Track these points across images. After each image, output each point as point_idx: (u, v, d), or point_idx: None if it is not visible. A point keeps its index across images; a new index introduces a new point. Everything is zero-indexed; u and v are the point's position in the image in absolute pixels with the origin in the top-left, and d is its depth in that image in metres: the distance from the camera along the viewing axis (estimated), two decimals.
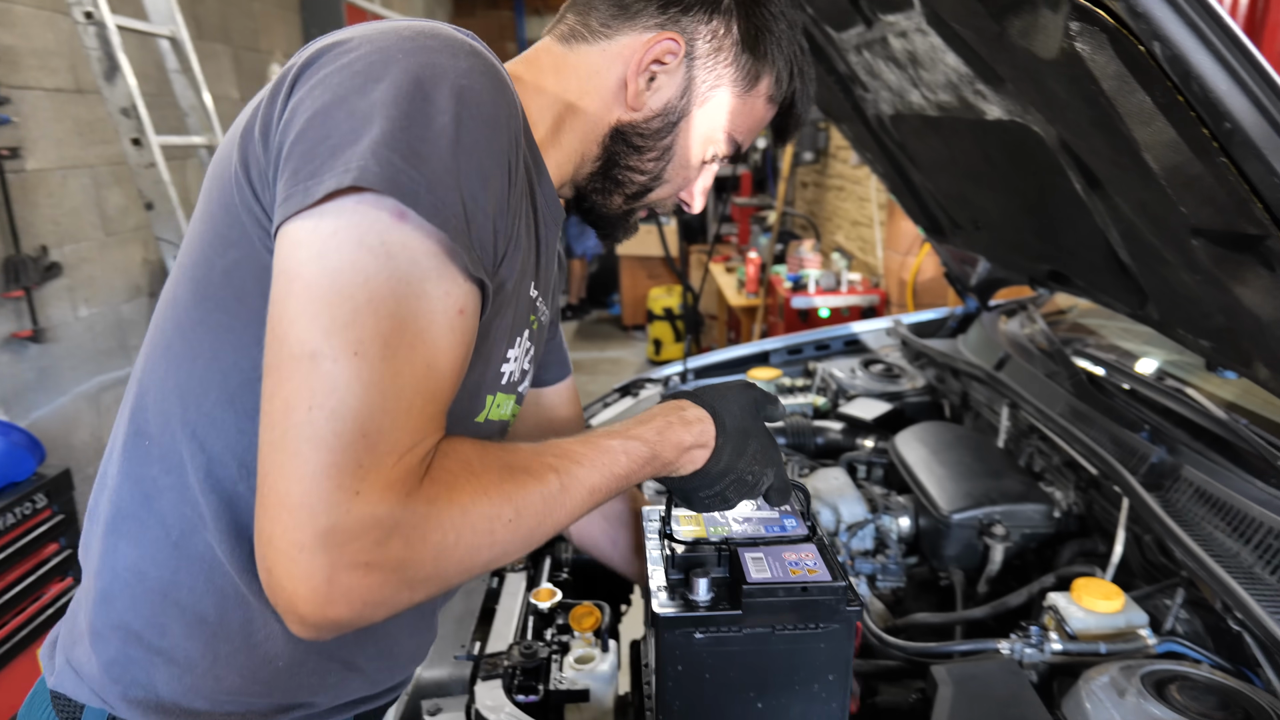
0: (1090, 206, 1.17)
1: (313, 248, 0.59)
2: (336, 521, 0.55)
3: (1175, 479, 1.39)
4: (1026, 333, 2.18)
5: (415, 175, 0.60)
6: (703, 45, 0.90)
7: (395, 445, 0.58)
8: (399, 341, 0.59)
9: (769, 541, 0.92)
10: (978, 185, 1.63)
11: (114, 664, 0.76)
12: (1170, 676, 1.08)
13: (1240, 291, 0.90)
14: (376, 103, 0.61)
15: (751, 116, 0.96)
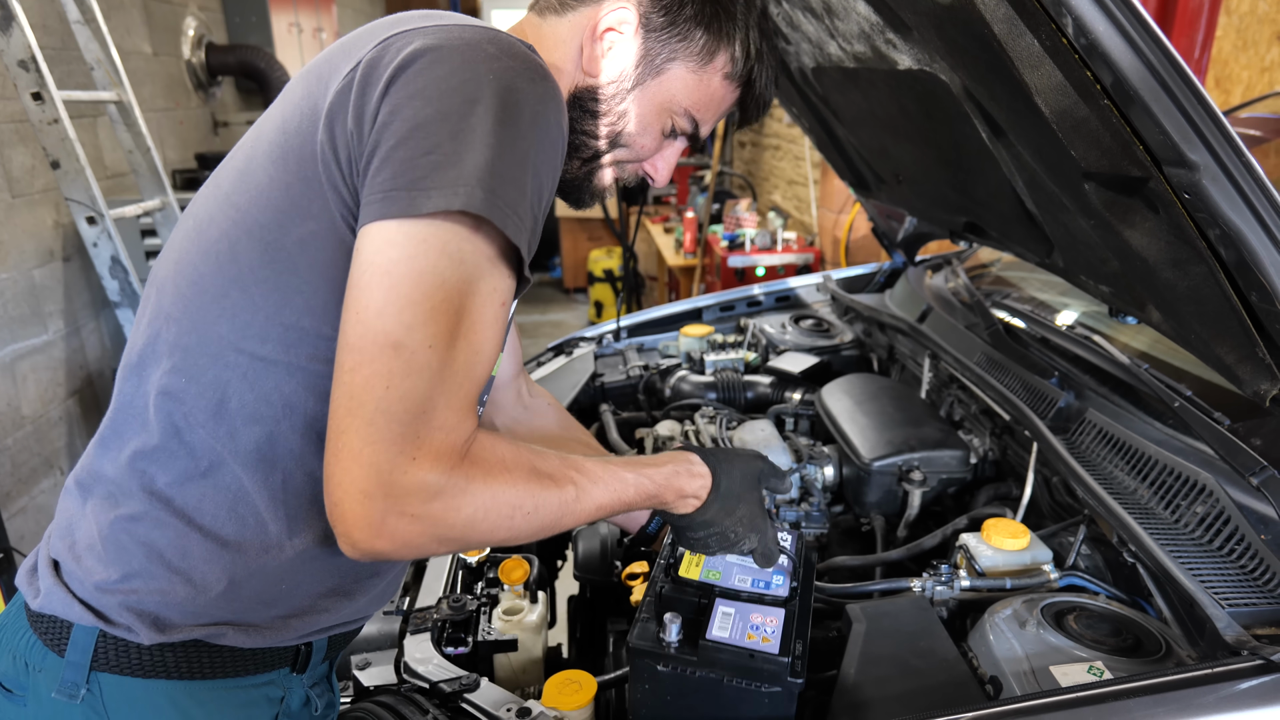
0: (997, 156, 1.19)
1: (405, 249, 0.70)
2: (397, 480, 0.68)
3: (1081, 422, 1.44)
4: (950, 286, 2.24)
5: (506, 199, 0.72)
6: (657, 18, 0.93)
7: (445, 423, 0.71)
8: (458, 334, 0.71)
9: (747, 598, 1.01)
10: (896, 138, 1.64)
11: (133, 576, 0.80)
12: (1068, 608, 1.13)
13: (1129, 235, 0.93)
14: (476, 127, 0.71)
15: (707, 92, 0.98)
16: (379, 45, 0.78)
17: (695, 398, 2.16)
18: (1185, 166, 0.73)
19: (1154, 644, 1.07)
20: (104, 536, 0.82)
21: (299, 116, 0.80)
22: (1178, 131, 0.70)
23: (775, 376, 2.18)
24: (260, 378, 0.80)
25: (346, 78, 0.77)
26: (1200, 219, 0.76)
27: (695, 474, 0.99)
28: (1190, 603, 1.04)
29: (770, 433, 1.78)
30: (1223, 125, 0.69)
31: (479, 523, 0.74)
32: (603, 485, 0.86)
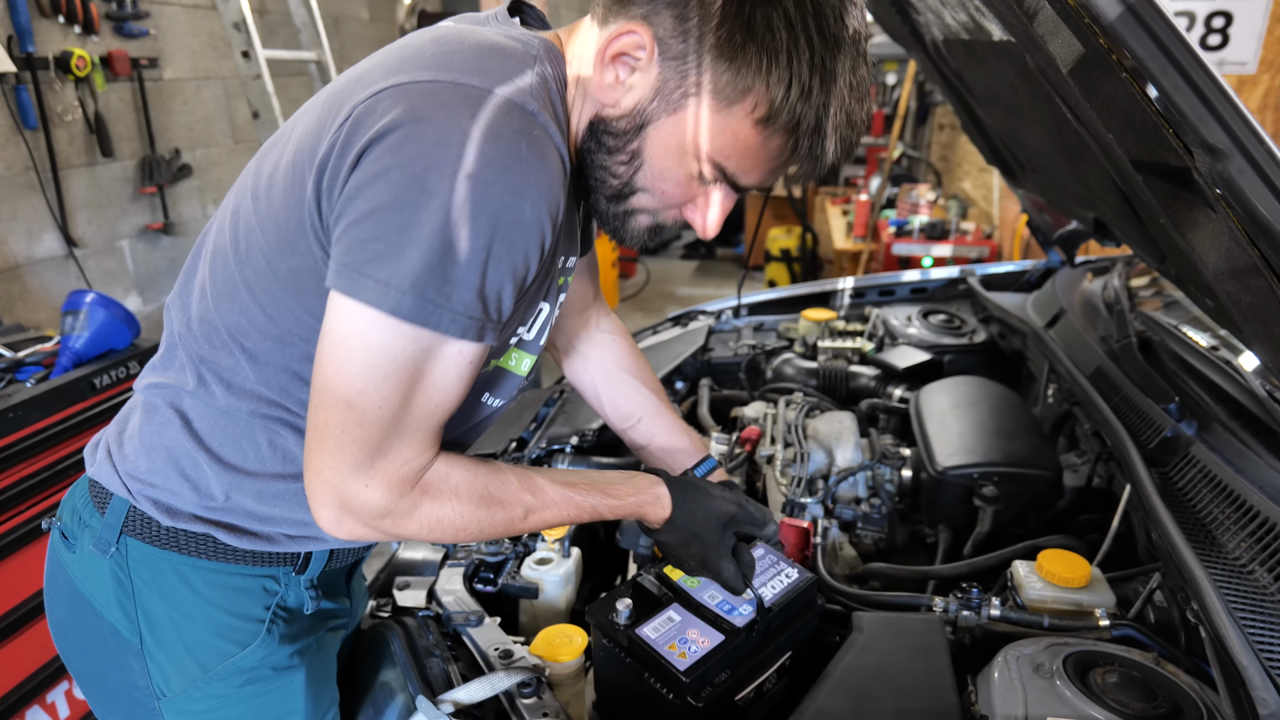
0: (1087, 141, 1.04)
1: (358, 325, 0.74)
2: (350, 499, 0.79)
3: (1184, 457, 1.25)
4: (1104, 292, 1.99)
5: (441, 303, 0.73)
6: (676, 44, 0.78)
7: (399, 456, 0.79)
8: (414, 394, 0.77)
9: (703, 614, 1.03)
10: (1021, 119, 1.48)
11: (153, 472, 0.93)
12: (1097, 660, 0.99)
13: (1193, 238, 0.79)
14: (425, 223, 0.71)
15: (734, 138, 0.80)
16: (369, 99, 0.75)
17: (795, 382, 2.09)
18: (1210, 152, 0.60)
19: (1195, 717, 0.92)
20: (141, 433, 0.96)
21: (308, 149, 0.80)
22: (1192, 111, 0.58)
23: (881, 370, 2.06)
24: (263, 364, 0.89)
25: (338, 130, 0.76)
26: (1240, 216, 0.63)
27: (660, 506, 1.01)
28: (1239, 680, 0.88)
29: (847, 425, 1.69)
30: (1237, 107, 0.56)
31: (425, 534, 0.85)
32: (554, 510, 0.92)
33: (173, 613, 0.94)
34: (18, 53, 2.63)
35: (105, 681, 1.00)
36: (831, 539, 1.43)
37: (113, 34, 3.02)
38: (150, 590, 0.94)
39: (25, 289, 2.81)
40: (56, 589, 1.00)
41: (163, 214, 3.37)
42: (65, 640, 1.01)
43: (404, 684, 1.13)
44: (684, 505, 1.01)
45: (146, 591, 0.94)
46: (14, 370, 2.03)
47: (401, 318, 0.73)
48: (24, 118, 2.67)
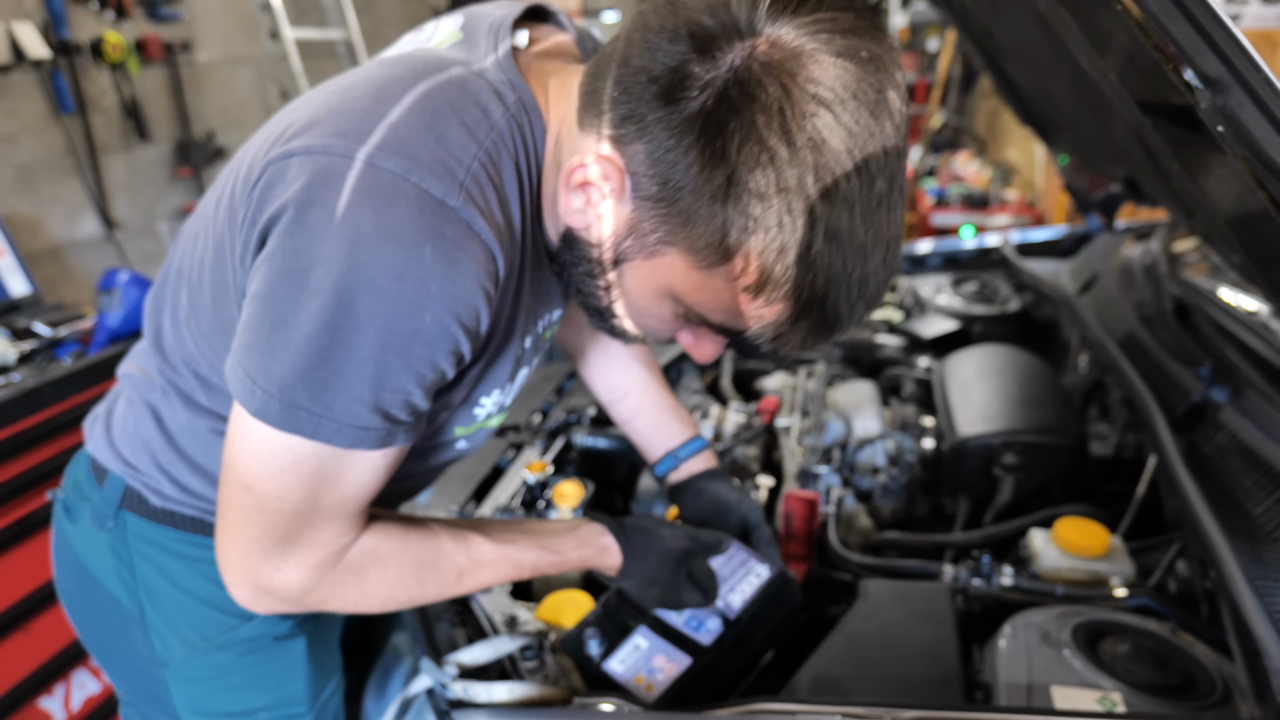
0: (1105, 90, 0.99)
1: (251, 426, 0.69)
2: (263, 582, 0.75)
3: (1212, 422, 1.19)
4: (1141, 257, 1.91)
5: (320, 413, 0.66)
6: (649, 184, 0.64)
7: (315, 540, 0.74)
8: (317, 487, 0.71)
9: (670, 634, 1.01)
10: (1047, 74, 1.42)
11: (136, 459, 0.94)
12: (1107, 629, 0.96)
13: (1205, 185, 0.74)
14: (301, 325, 0.64)
15: (721, 302, 0.68)
16: (280, 160, 0.68)
17: (818, 353, 2.06)
18: (1209, 85, 0.57)
19: (1209, 688, 0.88)
20: (124, 421, 0.96)
21: (241, 186, 0.74)
22: (1187, 41, 0.54)
23: (907, 339, 2.01)
24: (215, 391, 0.86)
25: (258, 182, 0.69)
26: (1245, 156, 0.59)
27: (607, 555, 0.96)
28: (1256, 652, 0.84)
29: (868, 395, 1.65)
30: (1231, 34, 0.52)
31: (352, 607, 0.81)
32: (490, 570, 0.87)
33: (171, 586, 0.95)
34: (53, 39, 2.69)
35: (111, 649, 1.03)
36: (847, 508, 1.41)
37: (145, 18, 3.08)
38: (148, 564, 0.95)
39: (67, 270, 2.90)
40: (62, 560, 1.03)
41: (199, 195, 3.44)
42: (73, 609, 1.04)
43: (412, 647, 1.15)
44: (634, 554, 0.97)
45: (145, 565, 0.95)
46: (53, 347, 2.09)
47: (267, 423, 0.66)
48: (61, 102, 2.74)
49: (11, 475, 1.80)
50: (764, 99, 0.58)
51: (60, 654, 1.83)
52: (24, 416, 1.83)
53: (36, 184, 2.76)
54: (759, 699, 0.86)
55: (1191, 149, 0.73)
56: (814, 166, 0.58)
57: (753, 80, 0.58)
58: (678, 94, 0.60)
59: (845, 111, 0.58)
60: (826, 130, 0.58)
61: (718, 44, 0.59)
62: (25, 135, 2.70)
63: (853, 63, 0.58)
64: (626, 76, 0.63)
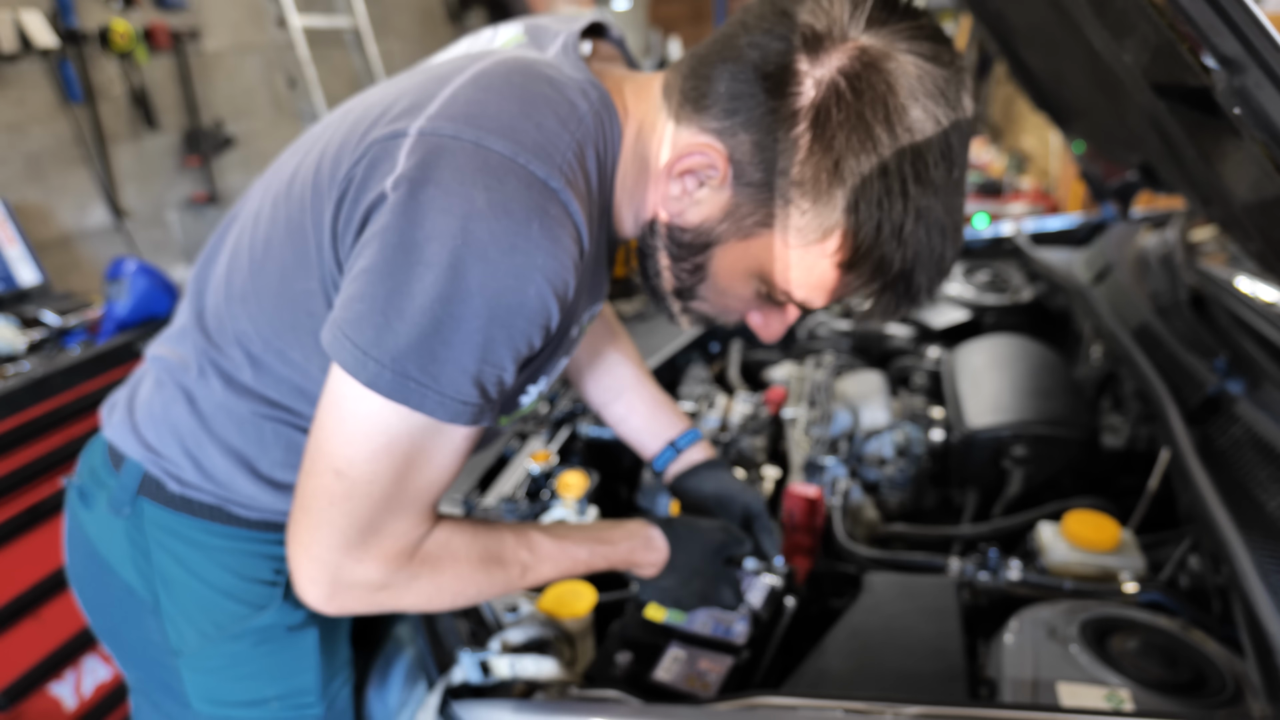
0: (1120, 74, 0.97)
1: (350, 394, 0.70)
2: (344, 576, 0.75)
3: (1227, 415, 1.17)
4: (1157, 246, 1.88)
5: (427, 384, 0.68)
6: (753, 172, 0.71)
7: (394, 531, 0.75)
8: (408, 472, 0.73)
9: (702, 642, 1.03)
10: (1060, 58, 1.39)
11: (161, 443, 0.94)
12: (1115, 625, 0.95)
13: (1222, 169, 0.72)
14: (415, 296, 0.66)
15: (811, 275, 0.74)
16: (387, 140, 0.71)
17: (827, 343, 2.04)
18: (1226, 65, 0.54)
19: (1220, 686, 0.87)
20: (149, 404, 0.96)
21: (328, 171, 0.77)
22: (1202, 18, 0.52)
23: (917, 329, 1.99)
24: (265, 371, 0.87)
25: (355, 165, 0.73)
26: (1263, 139, 0.57)
27: (652, 549, 0.98)
28: (1268, 650, 0.82)
29: (876, 385, 1.63)
30: (1249, 10, 0.50)
31: (424, 605, 0.82)
32: (551, 564, 0.89)
33: (187, 575, 0.95)
34: (60, 27, 2.69)
35: (123, 636, 1.03)
36: (854, 500, 1.40)
37: (153, 7, 3.07)
38: (164, 552, 0.95)
39: (76, 259, 2.91)
40: (75, 546, 1.03)
41: (208, 184, 3.44)
42: (85, 595, 1.04)
43: (413, 638, 1.14)
44: (679, 545, 0.99)
45: (161, 553, 0.95)
46: (61, 336, 2.10)
47: (379, 392, 0.68)
48: (69, 91, 2.74)
49: (21, 463, 1.81)
50: (870, 94, 0.65)
51: (71, 640, 1.85)
52: (32, 405, 1.84)
53: (45, 173, 2.77)
54: (761, 692, 0.85)
55: (1208, 133, 0.71)
56: (909, 152, 0.66)
57: (859, 77, 0.66)
58: (788, 89, 0.67)
59: (934, 105, 0.66)
60: (920, 121, 0.66)
61: (824, 45, 0.66)
62: (33, 124, 2.70)
63: (938, 65, 0.66)
64: (734, 73, 0.69)
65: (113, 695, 1.95)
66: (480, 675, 0.97)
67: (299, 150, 0.86)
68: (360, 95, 0.85)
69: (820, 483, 1.39)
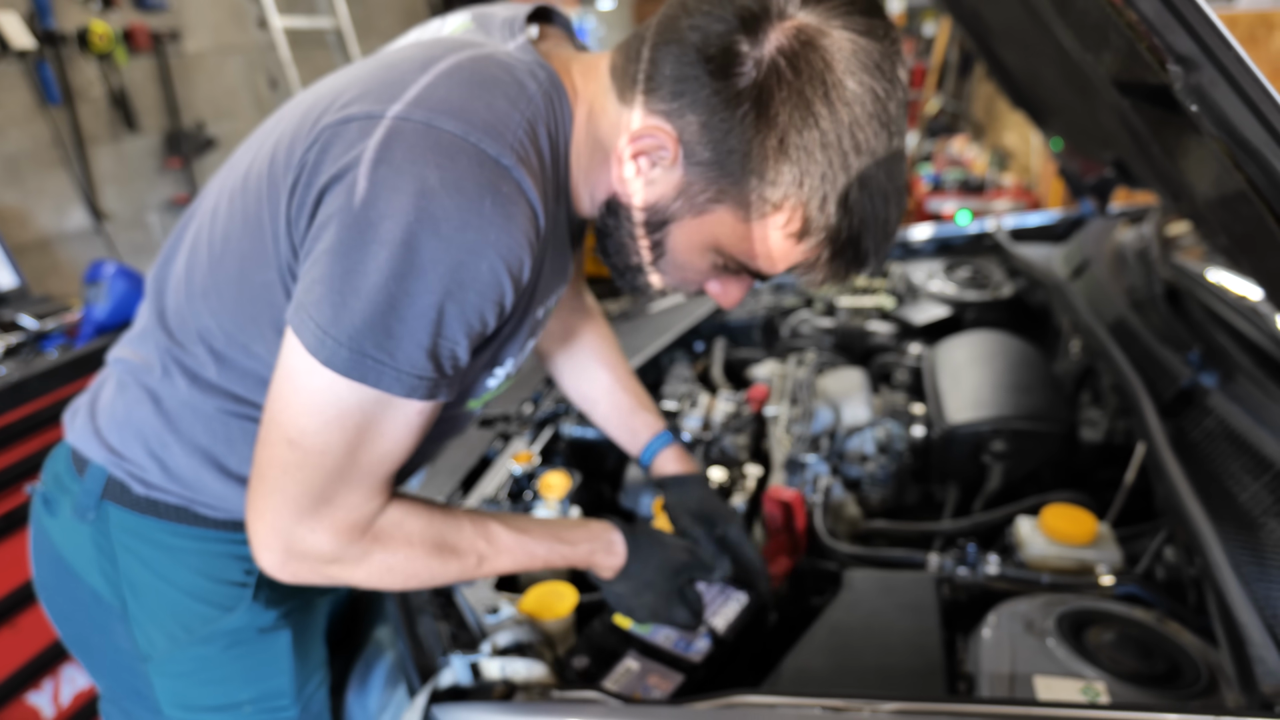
0: (1088, 72, 0.97)
1: (303, 364, 0.72)
2: (295, 544, 0.77)
3: (1200, 408, 1.18)
4: (1134, 242, 1.89)
5: (384, 360, 0.70)
6: (702, 151, 0.73)
7: (345, 503, 0.77)
8: (360, 442, 0.74)
9: (660, 656, 1.02)
10: (1034, 56, 1.40)
11: (124, 446, 0.94)
12: (1092, 618, 0.95)
13: (1184, 165, 0.73)
14: (370, 274, 0.68)
15: (763, 246, 0.77)
16: (337, 124, 0.72)
17: (810, 340, 2.04)
18: (1182, 64, 0.55)
19: (1194, 677, 0.88)
20: (112, 407, 0.95)
21: (282, 161, 0.77)
22: (1157, 17, 0.53)
23: (899, 326, 2.00)
24: (228, 366, 0.87)
25: (307, 151, 0.74)
26: (1220, 135, 0.58)
27: (612, 553, 0.98)
28: (1241, 640, 0.83)
29: (856, 382, 1.64)
30: (1202, 11, 0.50)
31: (375, 582, 0.83)
32: (508, 555, 0.89)
33: (154, 578, 0.95)
34: (38, 29, 2.67)
35: (92, 645, 1.02)
36: (835, 497, 1.40)
37: (133, 8, 3.05)
38: (131, 556, 0.94)
39: (55, 262, 2.88)
40: (41, 554, 1.01)
41: (189, 186, 3.42)
42: (51, 604, 1.03)
43: (394, 641, 1.14)
44: (638, 555, 0.99)
45: (127, 557, 0.94)
46: (39, 340, 2.08)
47: (335, 370, 0.70)
48: (47, 93, 2.72)
49: None
50: (808, 71, 0.68)
51: (48, 649, 1.83)
52: (8, 410, 1.82)
53: (23, 176, 2.74)
54: (738, 691, 0.85)
55: (1170, 130, 0.72)
56: (849, 124, 0.69)
57: (797, 55, 0.68)
58: (731, 69, 0.69)
59: (870, 78, 0.68)
60: (857, 94, 0.68)
61: (762, 24, 0.68)
62: (11, 126, 2.68)
63: (872, 39, 0.69)
64: (678, 55, 0.71)
65: (91, 704, 1.93)
66: (471, 678, 0.97)
67: (252, 145, 0.87)
68: (312, 87, 0.86)
69: (802, 480, 1.39)
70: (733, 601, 1.08)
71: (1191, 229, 1.83)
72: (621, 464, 1.65)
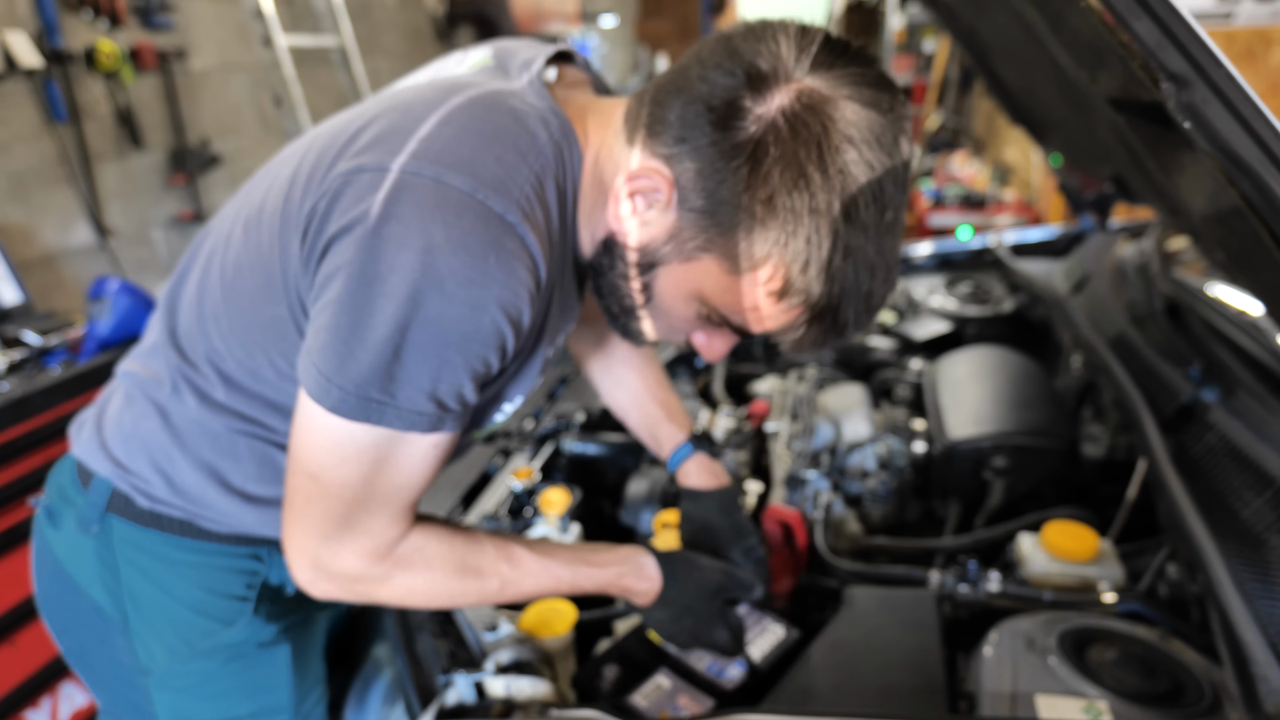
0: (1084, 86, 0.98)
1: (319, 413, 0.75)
2: (323, 563, 0.81)
3: (1201, 423, 1.18)
4: (1134, 257, 1.89)
5: (386, 401, 0.73)
6: (695, 198, 0.73)
7: (369, 529, 0.80)
8: (376, 476, 0.78)
9: (693, 678, 1.01)
10: (1031, 72, 1.41)
11: (130, 459, 0.94)
12: (1094, 636, 0.95)
13: (1179, 181, 0.73)
14: (377, 326, 0.70)
15: (745, 302, 0.77)
16: (350, 173, 0.74)
17: (811, 356, 2.04)
18: (1174, 81, 0.55)
19: (1198, 696, 0.87)
20: (119, 420, 0.96)
21: (297, 200, 0.79)
22: (1149, 35, 0.53)
23: (899, 341, 2.00)
24: (236, 389, 0.90)
25: (319, 198, 0.76)
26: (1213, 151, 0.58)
27: (643, 577, 0.98)
28: (1244, 658, 0.83)
29: (857, 397, 1.64)
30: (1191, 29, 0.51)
31: (400, 601, 0.86)
32: (532, 581, 0.90)
33: (156, 591, 0.95)
34: (46, 47, 2.69)
35: (92, 658, 1.02)
36: (836, 513, 1.40)
37: (139, 26, 3.08)
38: (133, 569, 0.94)
39: (60, 278, 2.89)
40: (43, 567, 1.02)
41: (194, 203, 3.44)
42: (52, 617, 1.03)
43: (392, 658, 1.14)
44: (674, 579, 0.99)
45: (130, 570, 0.94)
46: (42, 356, 2.09)
47: (343, 416, 0.73)
48: (54, 111, 2.74)
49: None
50: (805, 134, 0.68)
51: (47, 667, 1.82)
52: (11, 425, 1.82)
53: (29, 192, 2.76)
54: (739, 710, 0.85)
55: (1166, 146, 0.72)
56: (841, 193, 0.69)
57: (797, 118, 0.68)
58: (731, 123, 0.70)
59: (869, 150, 0.68)
60: (853, 165, 0.68)
61: (769, 84, 0.69)
62: (17, 144, 2.70)
63: (877, 112, 0.69)
64: (685, 104, 0.73)
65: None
66: (475, 696, 0.96)
67: (269, 174, 0.88)
68: (328, 121, 0.87)
69: (803, 496, 1.39)
70: (769, 633, 1.07)
71: (1191, 244, 1.83)
72: (621, 480, 1.65)
